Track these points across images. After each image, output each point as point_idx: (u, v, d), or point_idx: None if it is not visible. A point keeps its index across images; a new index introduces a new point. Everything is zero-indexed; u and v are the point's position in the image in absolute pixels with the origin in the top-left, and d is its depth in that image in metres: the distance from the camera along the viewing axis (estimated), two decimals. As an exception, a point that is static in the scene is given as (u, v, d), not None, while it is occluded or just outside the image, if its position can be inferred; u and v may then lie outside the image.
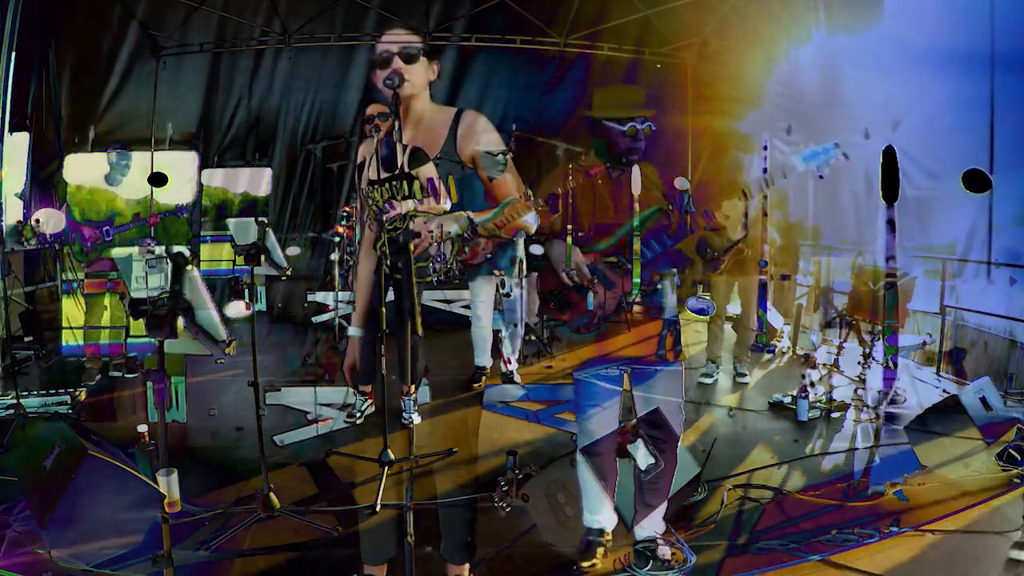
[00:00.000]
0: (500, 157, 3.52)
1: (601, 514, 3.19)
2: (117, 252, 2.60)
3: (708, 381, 5.68)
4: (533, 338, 6.11)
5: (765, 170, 4.33)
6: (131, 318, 4.17)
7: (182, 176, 6.95)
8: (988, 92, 5.71)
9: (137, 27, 6.93)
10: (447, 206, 4.50)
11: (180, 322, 2.58)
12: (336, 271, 5.91)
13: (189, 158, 7.23)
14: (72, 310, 5.43)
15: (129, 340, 5.22)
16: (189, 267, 2.59)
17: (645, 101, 3.11)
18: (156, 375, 2.59)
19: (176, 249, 2.58)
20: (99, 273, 5.36)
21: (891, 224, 5.42)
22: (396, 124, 3.47)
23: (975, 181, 3.50)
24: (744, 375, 5.73)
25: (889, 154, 4.56)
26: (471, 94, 7.44)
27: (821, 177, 2.87)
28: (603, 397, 3.10)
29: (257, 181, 7.50)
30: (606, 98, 3.09)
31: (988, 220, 5.75)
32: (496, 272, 5.08)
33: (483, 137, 3.73)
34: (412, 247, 3.17)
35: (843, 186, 6.52)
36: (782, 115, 6.40)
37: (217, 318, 2.75)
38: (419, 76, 3.49)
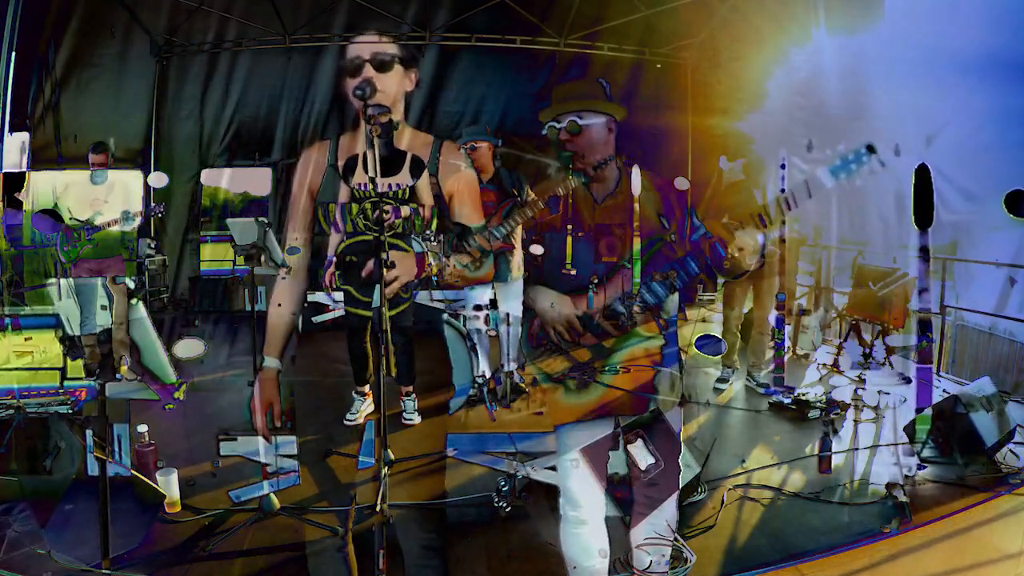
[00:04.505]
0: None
1: None
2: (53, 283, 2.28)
3: (723, 387, 5.46)
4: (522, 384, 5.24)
5: (783, 190, 4.01)
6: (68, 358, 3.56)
7: (124, 197, 6.15)
8: (1034, 103, 5.21)
9: (77, 32, 6.76)
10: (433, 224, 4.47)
11: (123, 363, 2.33)
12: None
13: (132, 176, 6.48)
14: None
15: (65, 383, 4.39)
16: (134, 300, 2.37)
17: (604, 95, 2.45)
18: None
19: (120, 280, 2.36)
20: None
21: (924, 252, 4.95)
22: (396, 123, 3.39)
23: (1020, 204, 3.18)
24: (766, 384, 5.44)
25: (922, 173, 4.20)
26: (455, 105, 7.33)
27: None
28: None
29: (258, 181, 7.42)
30: (561, 93, 2.51)
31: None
32: (482, 306, 4.93)
33: (464, 184, 3.51)
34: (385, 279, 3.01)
35: (872, 211, 6.12)
36: (802, 129, 5.87)
37: (165, 358, 2.48)
38: (393, 86, 3.19)
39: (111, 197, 6.17)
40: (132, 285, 2.29)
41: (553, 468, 3.54)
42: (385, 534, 2.42)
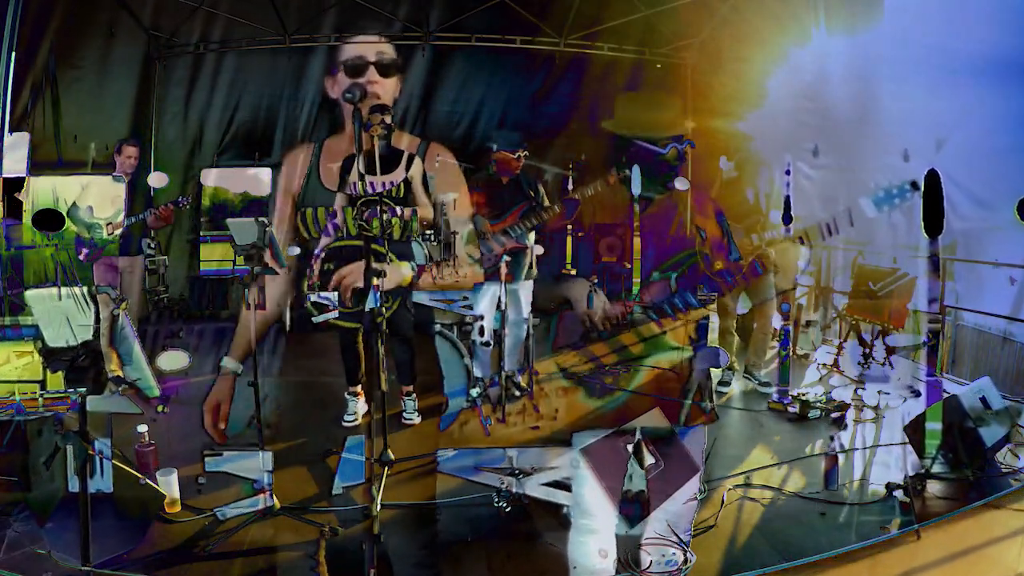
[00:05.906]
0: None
1: None
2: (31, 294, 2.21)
3: (725, 390, 5.39)
4: (517, 392, 4.94)
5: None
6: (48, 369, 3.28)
7: (106, 203, 5.99)
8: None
9: (77, 32, 6.68)
10: (430, 214, 4.48)
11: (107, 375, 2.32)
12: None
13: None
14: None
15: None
16: (118, 311, 2.37)
17: (683, 112, 2.51)
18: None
19: (103, 289, 2.36)
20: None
21: (934, 259, 4.83)
22: (393, 123, 3.39)
23: None
24: (766, 383, 5.37)
25: (932, 179, 4.08)
26: (454, 105, 7.18)
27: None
28: None
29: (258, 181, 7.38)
30: (635, 110, 2.53)
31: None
32: (476, 315, 4.87)
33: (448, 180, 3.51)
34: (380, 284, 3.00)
35: (878, 214, 6.07)
36: (807, 133, 5.69)
37: (149, 371, 2.46)
38: (390, 91, 3.26)
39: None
40: (115, 293, 2.28)
41: (548, 484, 3.56)
42: (376, 552, 2.39)
